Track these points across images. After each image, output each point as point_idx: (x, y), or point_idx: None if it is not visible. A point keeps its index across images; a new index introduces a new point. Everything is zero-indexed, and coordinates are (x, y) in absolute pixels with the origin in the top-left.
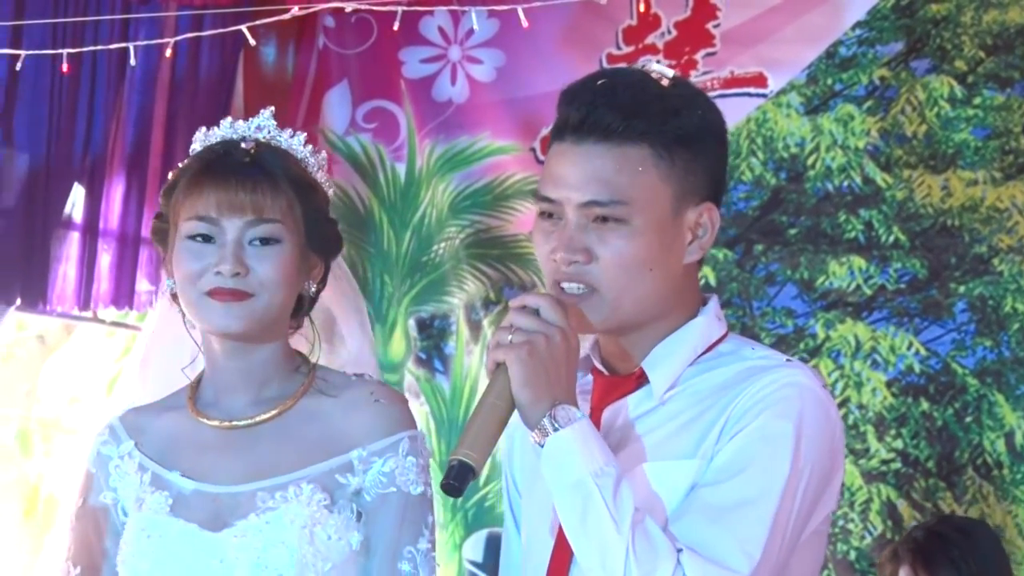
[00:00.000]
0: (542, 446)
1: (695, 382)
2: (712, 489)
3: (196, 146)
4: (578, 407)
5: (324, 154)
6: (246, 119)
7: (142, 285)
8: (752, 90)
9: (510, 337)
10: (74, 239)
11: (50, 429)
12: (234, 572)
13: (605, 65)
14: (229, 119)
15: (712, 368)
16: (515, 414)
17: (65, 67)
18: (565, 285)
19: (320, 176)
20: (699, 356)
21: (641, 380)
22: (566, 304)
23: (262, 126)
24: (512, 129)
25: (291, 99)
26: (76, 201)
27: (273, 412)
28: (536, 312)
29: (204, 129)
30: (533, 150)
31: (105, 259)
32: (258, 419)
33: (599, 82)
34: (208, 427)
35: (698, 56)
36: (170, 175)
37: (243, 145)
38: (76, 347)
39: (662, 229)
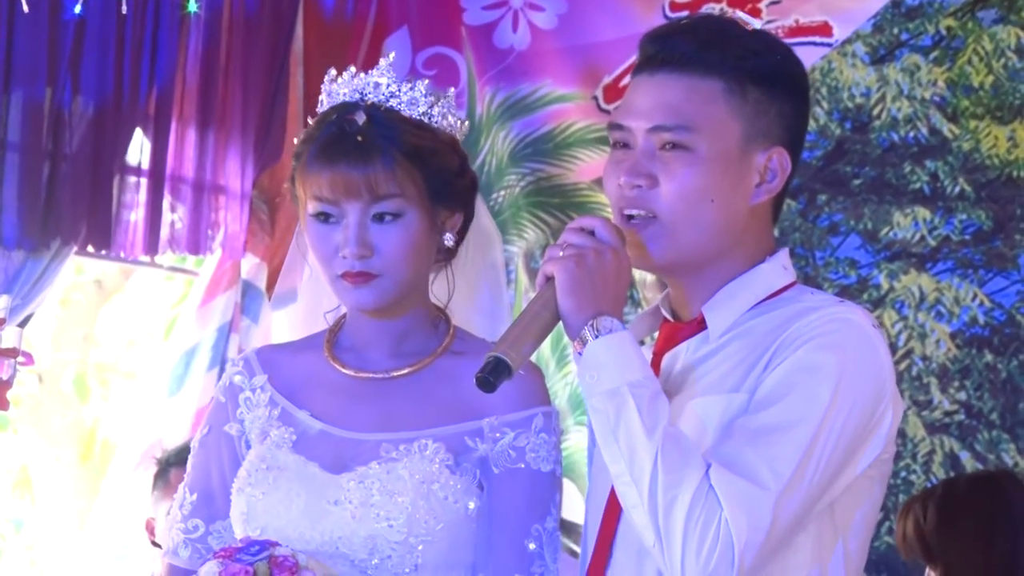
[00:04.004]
0: (580, 354)
1: (751, 325)
2: (751, 417)
3: (323, 97)
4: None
5: (452, 91)
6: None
7: (208, 230)
8: (817, 39)
9: (562, 252)
10: (139, 183)
11: (107, 373)
12: (345, 515)
13: (668, 13)
14: (352, 69)
15: (769, 311)
16: None
17: (124, 9)
18: (628, 211)
19: (449, 121)
20: (760, 302)
21: (701, 325)
22: (624, 232)
23: (380, 83)
24: (574, 77)
25: (350, 45)
26: (141, 145)
27: (409, 368)
28: (591, 232)
29: (330, 77)
30: (595, 98)
31: (171, 203)
32: (393, 374)
33: (683, 21)
34: (342, 374)
35: (762, 4)
36: (298, 137)
37: (355, 117)
38: (134, 292)
39: (727, 163)
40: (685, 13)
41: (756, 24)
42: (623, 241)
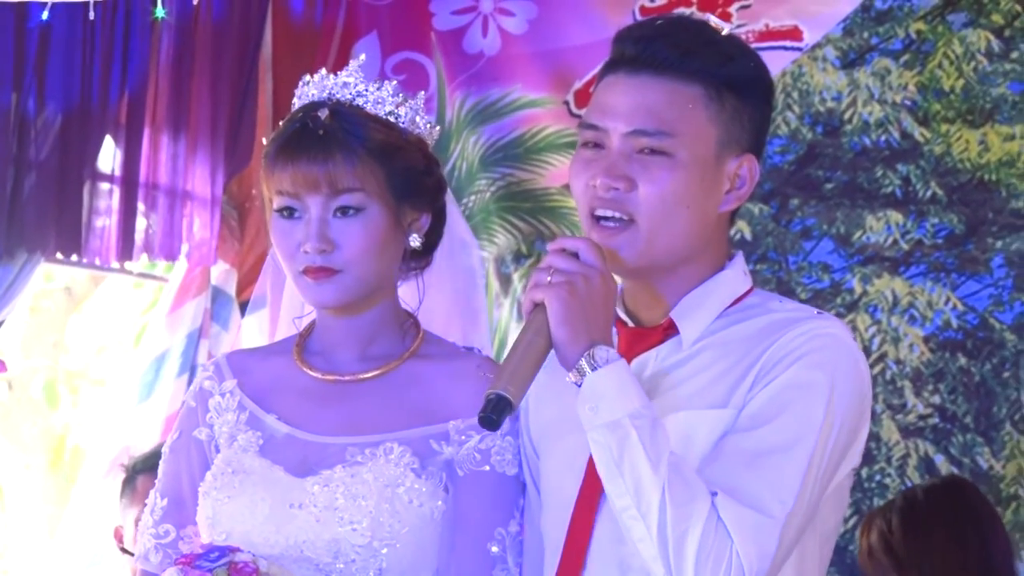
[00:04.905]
0: (579, 386)
1: (724, 334)
2: (745, 435)
3: (295, 101)
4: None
5: (421, 94)
6: (322, 69)
7: (182, 236)
8: (787, 43)
9: (549, 277)
10: (110, 190)
11: (77, 380)
12: (309, 518)
13: (639, 18)
14: (323, 71)
15: (740, 320)
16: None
17: (91, 15)
18: (600, 212)
19: (416, 122)
20: (726, 308)
21: (669, 331)
22: (596, 236)
23: (349, 82)
24: (544, 82)
25: (319, 50)
26: (111, 152)
27: (376, 371)
28: (575, 255)
29: (303, 81)
30: (566, 103)
31: (143, 209)
32: (360, 376)
33: (658, 22)
34: (310, 377)
35: (732, 9)
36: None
37: (319, 113)
38: (103, 298)
39: (704, 169)
40: (646, 21)
41: (725, 28)
42: (606, 261)
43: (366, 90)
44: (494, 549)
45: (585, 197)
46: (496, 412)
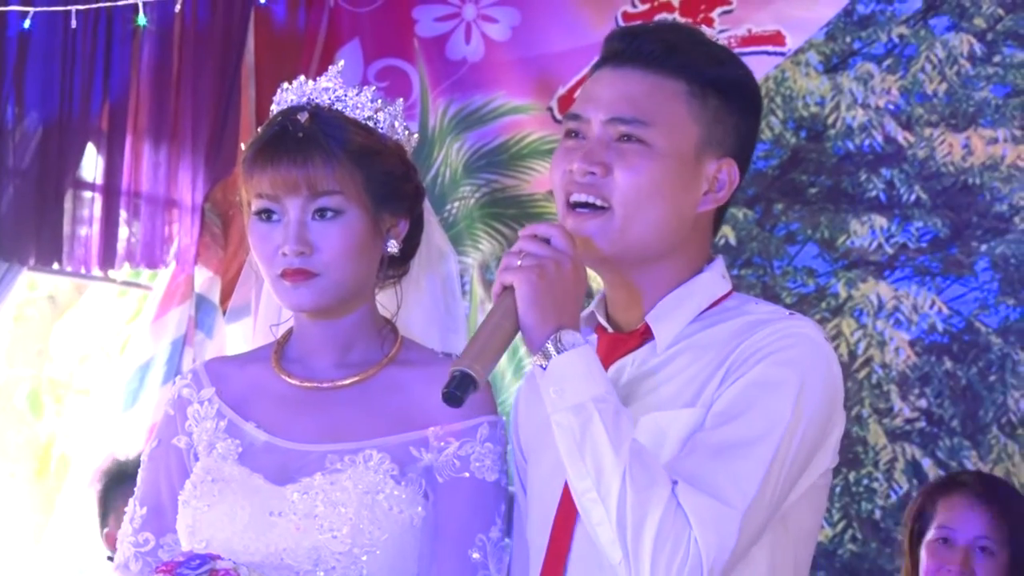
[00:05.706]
0: (544, 368)
1: (699, 336)
2: (711, 431)
3: (274, 107)
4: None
5: (400, 101)
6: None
7: (165, 244)
8: (770, 48)
9: (519, 261)
10: (91, 198)
11: (61, 389)
12: (289, 526)
13: (621, 24)
14: (301, 77)
15: (716, 323)
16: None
17: (73, 23)
18: (576, 197)
19: (395, 128)
20: (703, 311)
21: (645, 336)
22: (570, 224)
23: (328, 87)
24: (528, 88)
25: (302, 57)
26: (92, 160)
27: (355, 378)
28: (547, 240)
29: (282, 87)
30: (550, 109)
31: (126, 217)
32: (339, 383)
33: (650, 24)
34: (288, 384)
35: (714, 14)
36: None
37: (299, 117)
38: (87, 307)
39: (682, 163)
40: (638, 23)
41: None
42: (577, 249)
43: (345, 95)
44: (475, 555)
45: (562, 183)
46: (460, 389)
